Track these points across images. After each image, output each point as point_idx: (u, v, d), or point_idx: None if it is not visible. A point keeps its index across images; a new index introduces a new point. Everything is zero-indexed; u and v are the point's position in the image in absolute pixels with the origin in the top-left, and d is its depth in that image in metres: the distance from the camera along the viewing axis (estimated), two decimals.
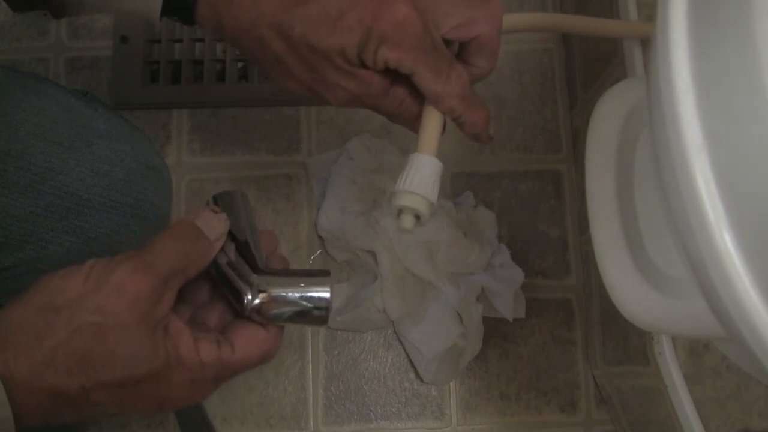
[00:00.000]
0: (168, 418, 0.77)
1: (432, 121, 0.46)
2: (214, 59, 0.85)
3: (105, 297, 0.34)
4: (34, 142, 0.48)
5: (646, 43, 0.62)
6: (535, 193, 0.83)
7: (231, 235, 0.40)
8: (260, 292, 0.38)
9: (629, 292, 0.48)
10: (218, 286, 0.41)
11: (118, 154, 0.51)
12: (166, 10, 0.45)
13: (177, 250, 0.37)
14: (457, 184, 0.83)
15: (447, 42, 0.46)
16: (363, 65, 0.44)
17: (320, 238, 0.80)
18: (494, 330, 0.79)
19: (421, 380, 0.77)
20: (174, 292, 0.37)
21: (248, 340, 0.39)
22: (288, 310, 0.39)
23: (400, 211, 0.45)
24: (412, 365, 0.78)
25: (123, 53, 0.85)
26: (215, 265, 0.40)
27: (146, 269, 0.35)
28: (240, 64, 0.85)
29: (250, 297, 0.38)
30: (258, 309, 0.38)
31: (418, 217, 0.45)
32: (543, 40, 0.87)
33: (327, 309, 0.40)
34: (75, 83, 0.86)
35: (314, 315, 0.39)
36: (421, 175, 0.44)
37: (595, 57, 0.76)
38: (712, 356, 0.56)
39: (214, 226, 0.39)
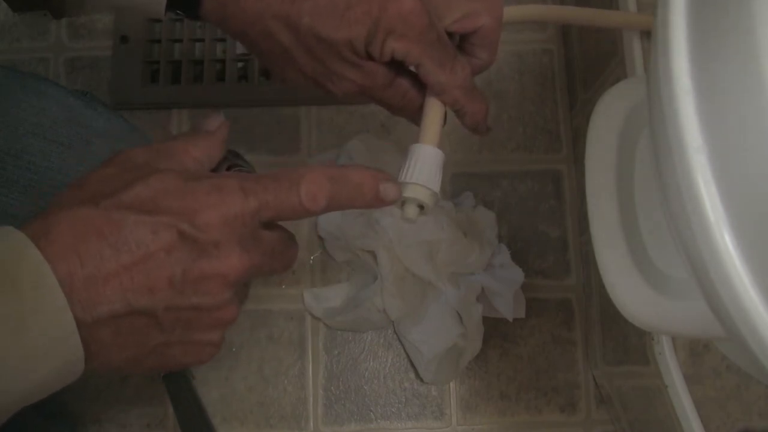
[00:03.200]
0: (168, 417, 0.77)
1: (434, 113, 0.46)
2: (214, 59, 0.85)
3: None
4: (34, 141, 0.48)
5: (646, 37, 0.62)
6: (535, 193, 0.83)
7: None
8: None
9: (629, 292, 0.48)
10: None
11: None
12: (171, 5, 0.45)
13: None
14: (457, 184, 0.83)
15: (449, 34, 0.46)
16: (369, 57, 0.44)
17: (320, 238, 0.80)
18: (494, 330, 0.79)
19: (421, 380, 0.77)
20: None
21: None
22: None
23: (403, 202, 0.45)
24: (412, 365, 0.78)
25: (123, 53, 0.85)
26: None
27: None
28: (240, 64, 0.85)
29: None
30: None
31: (421, 207, 0.45)
32: (543, 41, 0.87)
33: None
34: (75, 83, 0.86)
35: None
36: (423, 166, 0.44)
37: (595, 57, 0.76)
38: (712, 356, 0.56)
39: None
